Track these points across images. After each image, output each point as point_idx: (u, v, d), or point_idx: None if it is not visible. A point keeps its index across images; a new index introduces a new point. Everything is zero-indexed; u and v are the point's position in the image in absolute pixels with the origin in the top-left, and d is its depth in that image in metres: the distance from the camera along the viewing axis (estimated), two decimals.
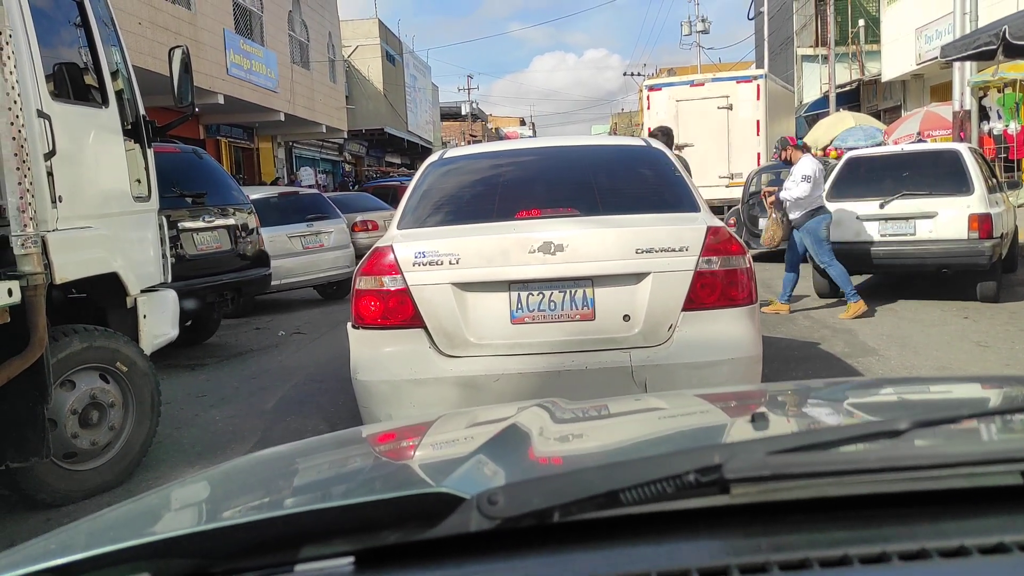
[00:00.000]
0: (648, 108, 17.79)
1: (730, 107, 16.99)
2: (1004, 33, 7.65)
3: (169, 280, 5.44)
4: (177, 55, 5.43)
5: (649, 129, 14.20)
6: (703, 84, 17.79)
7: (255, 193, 10.65)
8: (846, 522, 0.74)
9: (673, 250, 3.55)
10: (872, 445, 0.79)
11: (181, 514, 1.11)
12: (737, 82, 17.48)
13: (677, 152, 8.09)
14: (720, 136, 16.79)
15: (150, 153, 5.20)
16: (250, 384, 6.71)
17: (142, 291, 4.86)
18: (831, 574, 0.65)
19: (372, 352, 3.69)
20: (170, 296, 5.25)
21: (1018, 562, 0.67)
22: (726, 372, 3.54)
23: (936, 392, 1.61)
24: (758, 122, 16.87)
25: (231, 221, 8.11)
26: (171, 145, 8.51)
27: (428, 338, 3.60)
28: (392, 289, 3.60)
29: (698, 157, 16.53)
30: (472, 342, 3.59)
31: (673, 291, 3.54)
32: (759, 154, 16.50)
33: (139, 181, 5.07)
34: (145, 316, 4.85)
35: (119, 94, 4.90)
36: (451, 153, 4.80)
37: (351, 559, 0.74)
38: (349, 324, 3.84)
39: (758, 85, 17.11)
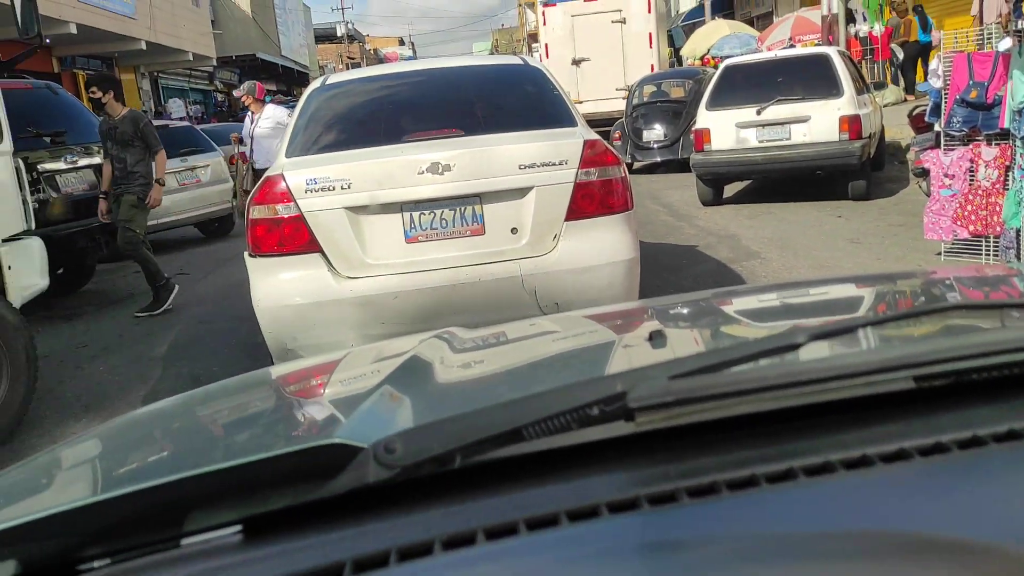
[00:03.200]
0: (544, 24, 17.73)
1: (623, 21, 17.19)
2: None
3: (33, 227, 5.10)
4: None
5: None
6: None
7: None
8: (749, 440, 0.74)
9: (554, 164, 3.76)
10: (772, 361, 0.79)
11: (55, 489, 1.03)
12: None
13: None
14: (615, 50, 17.05)
15: None
16: (134, 331, 6.43)
17: (4, 241, 4.56)
18: (740, 496, 0.65)
19: (272, 279, 3.77)
20: (35, 244, 4.92)
21: (919, 469, 0.68)
22: (607, 275, 3.80)
23: (820, 295, 1.65)
24: (650, 34, 17.14)
25: (96, 160, 7.60)
26: (22, 81, 7.87)
27: (326, 262, 3.72)
28: (286, 216, 3.69)
29: (595, 71, 16.76)
30: (369, 263, 3.73)
31: (556, 203, 3.76)
32: (652, 65, 16.81)
33: None
34: (10, 267, 4.57)
35: None
36: (333, 79, 4.81)
37: (238, 528, 0.69)
38: (246, 253, 3.86)
39: None
